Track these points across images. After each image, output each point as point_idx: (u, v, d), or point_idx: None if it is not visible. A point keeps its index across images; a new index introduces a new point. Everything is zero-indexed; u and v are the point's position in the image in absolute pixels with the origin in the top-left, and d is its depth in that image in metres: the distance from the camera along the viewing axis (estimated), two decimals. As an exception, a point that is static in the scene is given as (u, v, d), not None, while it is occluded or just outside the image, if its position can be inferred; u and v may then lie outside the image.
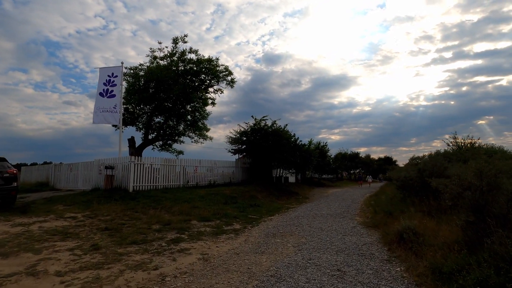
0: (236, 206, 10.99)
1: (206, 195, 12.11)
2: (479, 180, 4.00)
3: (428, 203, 7.95)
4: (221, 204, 10.85)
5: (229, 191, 13.37)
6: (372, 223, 7.80)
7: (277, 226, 7.90)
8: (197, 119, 19.39)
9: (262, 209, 11.13)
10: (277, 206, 12.29)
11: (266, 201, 13.69)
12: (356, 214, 9.89)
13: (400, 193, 11.24)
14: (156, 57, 18.94)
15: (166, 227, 7.11)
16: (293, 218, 9.35)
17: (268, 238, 6.50)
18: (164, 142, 20.43)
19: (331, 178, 41.18)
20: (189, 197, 11.41)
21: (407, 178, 10.09)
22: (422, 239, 4.80)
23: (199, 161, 15.70)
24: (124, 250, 5.15)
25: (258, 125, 18.78)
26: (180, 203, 10.19)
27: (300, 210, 11.21)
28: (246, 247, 5.64)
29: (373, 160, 57.77)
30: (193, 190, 13.03)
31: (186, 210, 9.23)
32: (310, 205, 12.94)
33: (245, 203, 11.81)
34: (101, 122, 12.52)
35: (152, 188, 12.65)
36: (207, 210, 9.59)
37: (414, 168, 9.71)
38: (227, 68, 21.62)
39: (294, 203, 14.32)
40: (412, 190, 9.74)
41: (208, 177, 16.11)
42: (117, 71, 12.98)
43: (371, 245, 5.63)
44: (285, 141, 18.04)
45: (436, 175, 9.06)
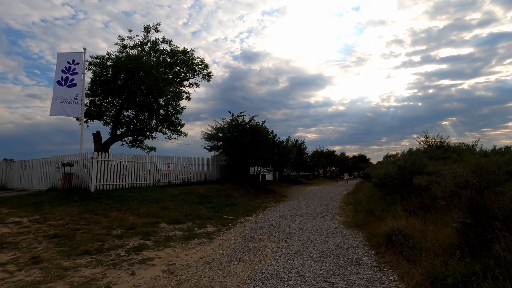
0: (211, 206, 10.25)
1: (179, 194, 11.25)
2: (477, 177, 3.63)
3: (410, 201, 7.72)
4: (194, 204, 10.07)
5: (204, 189, 12.59)
6: (354, 223, 7.42)
7: (255, 228, 7.29)
8: (170, 113, 18.25)
9: (239, 209, 10.49)
10: (254, 205, 11.70)
11: (243, 200, 13.07)
12: (336, 213, 9.54)
13: (378, 191, 11.08)
14: (126, 46, 17.60)
15: (129, 232, 6.25)
16: (271, 218, 8.80)
17: (244, 242, 5.87)
18: (134, 138, 19.10)
19: (308, 176, 41.40)
20: (159, 196, 10.50)
21: (387, 176, 9.89)
22: (412, 242, 4.40)
23: (172, 158, 14.72)
24: (72, 263, 4.29)
25: (236, 121, 18.08)
26: (149, 203, 9.28)
27: (279, 209, 10.70)
28: (220, 254, 4.98)
29: (348, 158, 59.12)
30: (164, 189, 12.09)
31: (155, 211, 8.37)
32: (289, 204, 12.49)
33: (221, 203, 11.11)
34: (59, 114, 11.20)
35: (118, 187, 11.56)
36: (178, 211, 8.78)
37: (394, 165, 9.52)
38: (203, 61, 20.71)
39: (272, 201, 13.82)
40: (392, 188, 9.55)
41: (182, 175, 15.18)
42: (79, 58, 11.69)
43: (356, 248, 5.18)
44: (263, 138, 17.50)
45: (416, 173, 8.91)
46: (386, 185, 10.35)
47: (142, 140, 19.66)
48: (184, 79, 20.87)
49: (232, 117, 18.44)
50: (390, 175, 9.79)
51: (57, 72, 11.22)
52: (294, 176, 35.02)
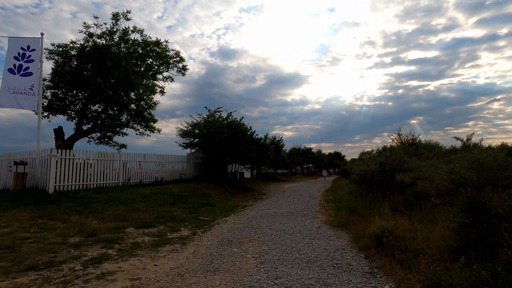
0: (186, 207, 9.57)
1: (150, 194, 10.43)
2: (477, 174, 3.34)
3: (393, 198, 7.55)
4: (167, 205, 9.33)
5: (179, 189, 11.83)
6: (337, 222, 7.11)
7: (233, 230, 6.76)
8: (142, 108, 17.17)
9: (216, 209, 9.89)
10: (232, 205, 11.15)
11: (221, 199, 12.47)
12: (318, 211, 9.24)
13: (358, 188, 10.96)
14: (92, 35, 16.22)
15: (90, 239, 5.47)
16: (251, 218, 8.30)
17: (222, 247, 5.32)
18: (102, 134, 17.78)
19: (285, 173, 41.45)
20: (128, 197, 9.64)
21: (368, 172, 9.75)
22: (404, 244, 4.09)
23: (143, 156, 13.76)
24: (10, 283, 3.52)
25: (213, 117, 17.36)
26: (116, 205, 8.43)
27: (258, 209, 10.24)
28: (194, 263, 4.39)
29: (324, 155, 60.13)
30: (135, 189, 11.20)
31: (122, 214, 7.57)
32: (268, 202, 12.07)
33: (197, 203, 10.44)
34: (11, 106, 9.92)
35: (82, 188, 10.52)
36: (149, 213, 8.03)
37: (375, 162, 9.39)
38: (178, 54, 19.72)
39: (251, 200, 13.35)
40: (373, 185, 9.41)
41: (154, 174, 14.27)
42: (35, 44, 10.42)
43: (344, 251, 4.81)
44: (241, 135, 16.94)
45: (397, 169, 8.81)
46: (366, 182, 10.22)
47: (112, 137, 18.40)
48: (158, 72, 19.77)
49: (209, 113, 17.71)
50: (370, 172, 9.65)
51: (8, 58, 9.90)
52: (272, 174, 34.84)
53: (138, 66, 17.57)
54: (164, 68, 19.62)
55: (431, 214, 5.51)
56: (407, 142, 29.05)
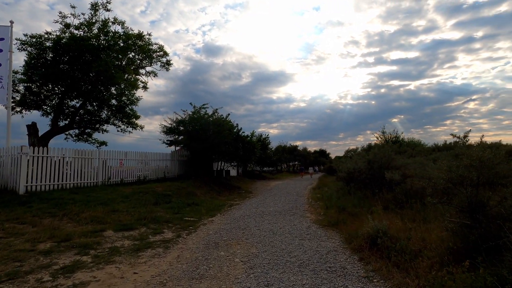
0: (170, 207, 9.15)
1: (132, 194, 9.92)
2: (477, 172, 3.20)
3: (382, 196, 7.47)
4: (150, 205, 8.88)
5: (162, 188, 11.36)
6: (327, 221, 6.94)
7: (220, 231, 6.45)
8: (124, 104, 16.44)
9: (202, 209, 9.53)
10: (218, 204, 10.82)
11: (206, 198, 12.11)
12: (306, 210, 9.07)
13: (346, 186, 10.90)
14: (69, 25, 15.30)
15: (62, 245, 5.01)
16: (238, 218, 8.01)
17: (208, 250, 5.01)
18: (81, 131, 16.92)
19: (271, 171, 41.38)
20: (108, 197, 9.11)
21: (356, 170, 9.67)
22: (400, 245, 3.92)
23: (125, 153, 13.15)
24: (-36, 299, 3.07)
25: (198, 113, 16.86)
26: (94, 206, 7.91)
27: (245, 208, 9.96)
28: (178, 270, 4.06)
29: (309, 153, 60.55)
30: (115, 189, 10.64)
31: (101, 216, 7.08)
32: (255, 201, 11.82)
33: (181, 202, 10.03)
34: (-23, 99, 9.12)
35: (57, 188, 9.87)
36: (130, 214, 7.58)
37: (364, 159, 9.31)
38: (162, 48, 19.01)
39: (237, 199, 13.05)
40: (361, 183, 9.34)
41: (137, 172, 13.69)
42: (4, 32, 9.63)
43: (336, 253, 4.61)
44: (228, 132, 16.57)
45: (385, 167, 8.76)
46: (354, 179, 10.16)
47: (91, 134, 17.55)
48: (140, 66, 19.00)
49: (194, 110, 17.19)
50: (359, 170, 9.58)
51: (-27, 48, 9.09)
52: (258, 171, 34.65)
53: (119, 60, 16.78)
54: (147, 62, 18.87)
55: (423, 213, 5.42)
56: (390, 140, 29.64)
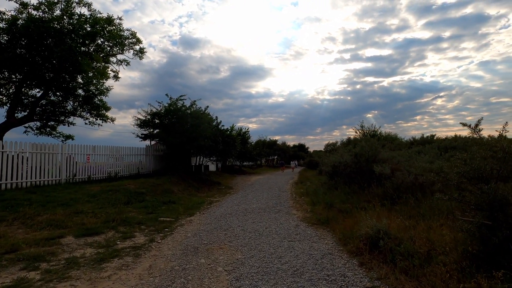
0: (143, 206, 8.33)
1: (100, 192, 8.96)
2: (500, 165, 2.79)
3: (371, 191, 7.13)
4: (120, 205, 8.01)
5: (135, 185, 10.43)
6: (315, 219, 6.49)
7: (199, 233, 5.80)
8: (92, 94, 15.07)
9: (179, 207, 8.79)
10: (197, 201, 10.10)
11: (184, 196, 11.33)
12: (291, 207, 8.60)
13: (330, 180, 10.58)
14: (27, 5, 13.66)
15: (6, 257, 4.13)
16: (219, 217, 7.38)
17: (187, 257, 4.35)
18: (43, 123, 15.36)
19: (251, 165, 40.91)
20: (71, 197, 8.11)
21: (342, 164, 9.33)
22: (404, 248, 3.50)
23: (93, 148, 11.99)
24: None
25: (174, 105, 15.85)
26: (53, 208, 6.93)
27: (226, 205, 9.34)
28: (150, 285, 3.38)
29: (289, 147, 60.74)
30: (81, 187, 9.59)
31: (60, 218, 6.17)
32: (236, 197, 11.21)
33: (156, 201, 9.22)
34: None
35: (11, 187, 8.69)
36: (96, 216, 6.71)
37: (350, 152, 8.98)
38: (134, 35, 17.65)
39: (217, 195, 12.38)
40: (347, 177, 9.02)
41: (107, 168, 12.57)
42: None
43: (332, 257, 4.13)
44: (207, 125, 15.76)
45: (372, 160, 8.47)
46: (339, 173, 9.84)
47: (55, 127, 16.02)
48: (110, 54, 17.56)
49: (170, 101, 16.15)
50: (344, 163, 9.24)
51: None
52: (238, 166, 34.02)
53: (86, 46, 15.35)
54: (118, 50, 17.46)
55: (418, 209, 5.09)
56: (369, 134, 30.13)
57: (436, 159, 7.18)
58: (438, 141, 15.97)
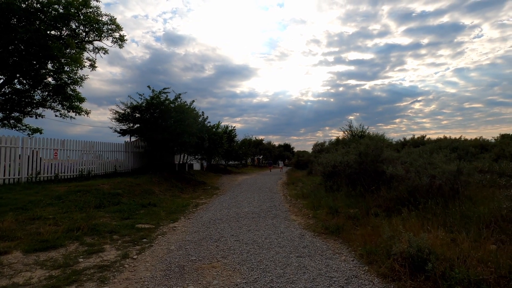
0: (118, 210, 7.16)
1: (67, 194, 7.69)
2: None
3: (381, 194, 6.34)
4: (90, 209, 6.81)
5: (110, 185, 9.18)
6: (322, 226, 5.61)
7: (185, 245, 4.77)
8: (63, 83, 13.55)
9: (160, 211, 7.69)
10: (181, 204, 9.00)
11: (167, 197, 10.19)
12: (289, 211, 7.70)
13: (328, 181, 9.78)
14: (-14, -22, 12.00)
15: None
16: (207, 223, 6.36)
17: (169, 281, 3.34)
18: (6, 115, 13.67)
19: (237, 165, 39.84)
20: (30, 199, 6.82)
21: (342, 164, 8.53)
22: (459, 273, 2.66)
23: (62, 142, 10.57)
24: None
25: (157, 98, 14.55)
26: (3, 213, 5.66)
27: (215, 208, 8.31)
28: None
29: (274, 147, 60.14)
30: (45, 187, 8.26)
31: (10, 227, 4.95)
32: (225, 199, 10.20)
33: (134, 203, 8.06)
34: None
35: (-43, 187, 7.27)
36: (58, 222, 5.51)
37: (354, 150, 8.18)
38: (114, 21, 16.19)
39: (204, 196, 11.31)
40: (348, 178, 8.23)
41: (78, 166, 11.19)
42: None
43: (361, 282, 3.21)
44: (192, 120, 14.60)
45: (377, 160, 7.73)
46: (337, 174, 9.06)
47: (21, 119, 14.34)
48: (87, 41, 16.03)
49: (153, 94, 14.83)
50: (345, 163, 8.45)
51: None
52: (223, 165, 32.88)
53: (58, 29, 13.81)
54: (96, 36, 15.97)
55: (449, 218, 4.31)
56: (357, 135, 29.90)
57: (450, 160, 6.50)
58: (430, 142, 15.65)
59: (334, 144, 27.78)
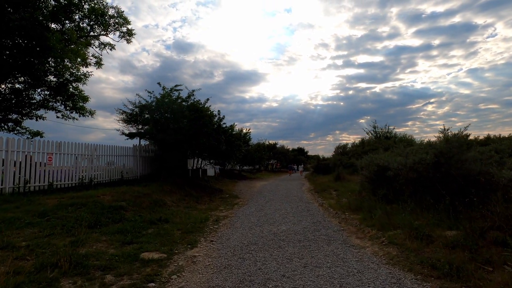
0: (119, 229, 5.44)
1: (56, 208, 6.03)
2: None
3: (493, 209, 4.37)
4: (82, 229, 5.12)
5: (112, 196, 7.50)
6: (418, 261, 3.70)
7: (216, 298, 2.96)
8: (65, 80, 12.12)
9: (174, 229, 5.94)
10: (199, 218, 7.21)
11: (181, 208, 8.47)
12: (344, 230, 5.80)
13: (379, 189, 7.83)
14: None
15: None
16: (239, 250, 4.55)
17: None
18: (3, 117, 12.33)
19: (251, 170, 38.04)
20: (7, 217, 5.19)
21: (408, 167, 6.57)
22: None
23: (58, 145, 9.01)
24: None
25: (168, 97, 12.94)
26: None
27: (241, 224, 6.50)
28: None
29: (288, 151, 58.23)
30: (32, 199, 6.64)
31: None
32: (250, 211, 8.38)
33: (141, 219, 6.35)
34: None
35: None
36: (31, 254, 3.82)
37: (434, 149, 6.19)
38: (121, 14, 14.87)
39: (223, 207, 9.53)
40: (419, 186, 6.27)
41: (79, 173, 9.61)
42: None
43: None
44: (208, 120, 12.93)
45: (460, 162, 5.77)
46: (395, 180, 7.12)
47: (20, 121, 12.99)
48: (92, 36, 14.71)
49: (163, 92, 13.25)
50: (411, 166, 6.49)
51: None
52: (238, 171, 31.13)
53: (59, 22, 12.48)
54: (101, 30, 14.65)
55: None
56: (382, 136, 27.63)
57: None
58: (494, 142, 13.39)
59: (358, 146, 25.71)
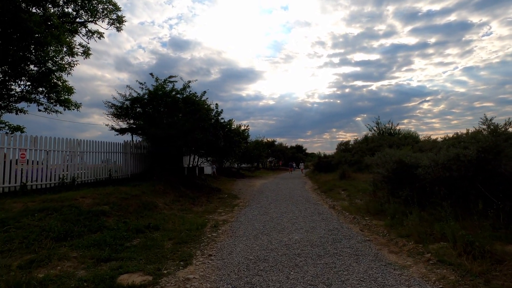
0: (97, 241, 4.42)
1: (21, 215, 4.98)
2: None
3: None
4: (49, 242, 4.10)
5: (93, 198, 6.45)
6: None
7: None
8: (47, 70, 10.97)
9: (165, 239, 4.95)
10: (195, 223, 6.20)
11: (174, 212, 7.46)
12: (370, 241, 4.81)
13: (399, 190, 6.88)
14: None
15: None
16: (245, 271, 3.57)
17: None
18: (-22, 110, 11.20)
19: (249, 168, 37.05)
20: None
21: (440, 165, 5.61)
22: None
23: (33, 140, 7.92)
24: None
25: (162, 89, 11.84)
26: None
27: (244, 232, 5.50)
28: None
29: (287, 148, 57.37)
30: (-4, 203, 5.58)
31: None
32: (253, 214, 7.38)
33: (125, 227, 5.33)
34: None
35: None
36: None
37: (474, 144, 5.21)
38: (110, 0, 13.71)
39: (222, 209, 8.53)
40: (454, 188, 5.32)
41: (59, 171, 8.54)
42: None
43: None
44: (205, 113, 11.90)
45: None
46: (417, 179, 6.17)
47: (-1, 114, 11.85)
48: (78, 22, 13.55)
49: (156, 83, 12.14)
50: (443, 164, 5.53)
51: None
52: (236, 169, 30.10)
53: (41, 6, 11.33)
54: (89, 17, 13.49)
55: None
56: (386, 132, 26.76)
57: None
58: None
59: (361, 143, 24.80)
